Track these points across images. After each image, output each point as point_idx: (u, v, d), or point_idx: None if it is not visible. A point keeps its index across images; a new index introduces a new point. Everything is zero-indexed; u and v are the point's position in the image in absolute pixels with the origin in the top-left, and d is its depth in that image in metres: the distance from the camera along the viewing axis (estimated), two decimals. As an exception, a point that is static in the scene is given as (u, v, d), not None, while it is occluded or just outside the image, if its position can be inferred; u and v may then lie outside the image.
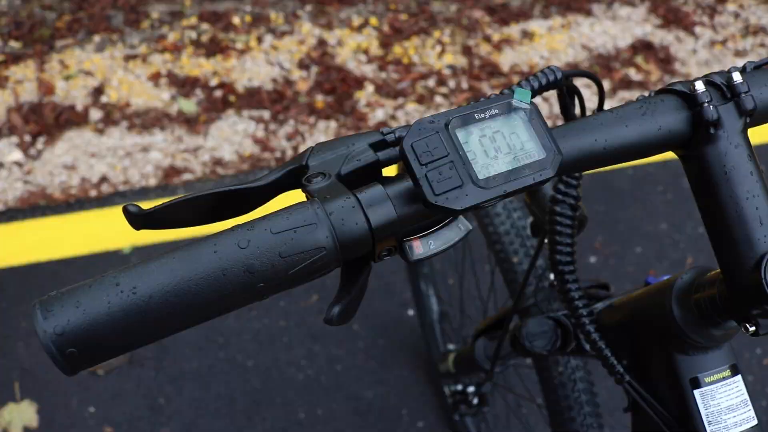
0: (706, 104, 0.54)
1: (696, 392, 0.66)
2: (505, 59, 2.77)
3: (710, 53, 2.96)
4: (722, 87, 0.56)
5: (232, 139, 2.43)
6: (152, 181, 2.31)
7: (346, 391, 1.92)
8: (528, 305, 0.98)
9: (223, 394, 1.91)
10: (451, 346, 1.76)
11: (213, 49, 2.71)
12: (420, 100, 2.56)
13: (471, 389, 1.45)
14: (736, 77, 0.55)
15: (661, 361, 0.68)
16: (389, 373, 1.96)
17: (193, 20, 2.83)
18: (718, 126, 0.55)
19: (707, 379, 0.66)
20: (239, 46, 2.73)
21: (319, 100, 2.55)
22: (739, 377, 0.67)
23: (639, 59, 2.85)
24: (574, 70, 0.63)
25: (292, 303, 2.06)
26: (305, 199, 0.49)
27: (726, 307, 0.59)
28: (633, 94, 2.71)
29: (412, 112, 2.52)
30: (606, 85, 2.73)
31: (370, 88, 2.60)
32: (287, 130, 2.45)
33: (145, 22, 2.81)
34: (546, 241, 0.78)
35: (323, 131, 2.45)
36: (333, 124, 2.48)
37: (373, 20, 2.87)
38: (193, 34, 2.77)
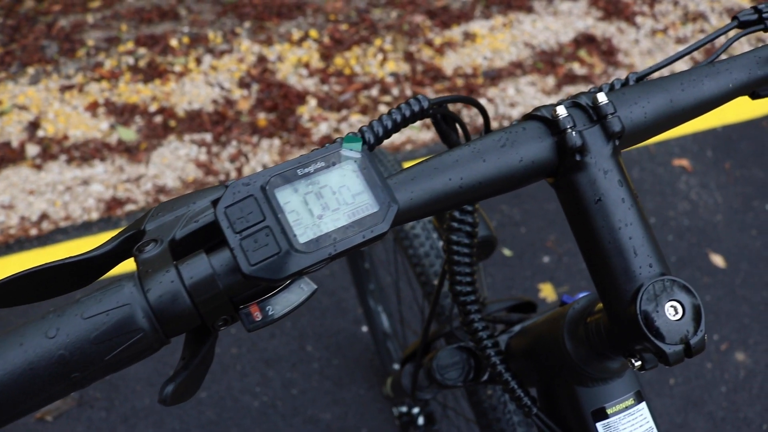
0: (569, 130, 0.51)
1: (599, 425, 0.63)
2: (448, 63, 2.75)
3: (652, 42, 2.97)
4: (588, 109, 0.53)
5: (174, 165, 2.38)
6: (94, 215, 2.25)
7: (303, 414, 1.89)
8: (444, 333, 0.95)
9: (178, 430, 1.87)
10: (396, 366, 1.72)
11: (151, 73, 2.65)
12: (363, 110, 2.53)
13: (416, 410, 1.42)
14: (601, 98, 0.52)
15: (564, 393, 0.65)
16: (346, 392, 1.93)
17: (130, 45, 2.77)
18: (584, 152, 0.52)
19: (610, 410, 0.63)
20: (178, 68, 2.68)
21: (262, 118, 2.51)
22: (643, 405, 0.65)
23: (582, 53, 2.85)
24: (446, 97, 0.59)
25: (242, 329, 2.01)
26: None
27: (610, 341, 0.56)
28: (578, 89, 2.71)
29: (356, 123, 2.49)
30: (550, 81, 2.73)
31: (312, 102, 2.56)
32: (230, 152, 2.41)
33: (81, 51, 2.75)
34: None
35: (267, 150, 2.41)
36: (276, 141, 2.44)
37: (313, 32, 2.84)
38: (131, 60, 2.71)
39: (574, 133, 0.51)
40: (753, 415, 1.97)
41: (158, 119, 2.51)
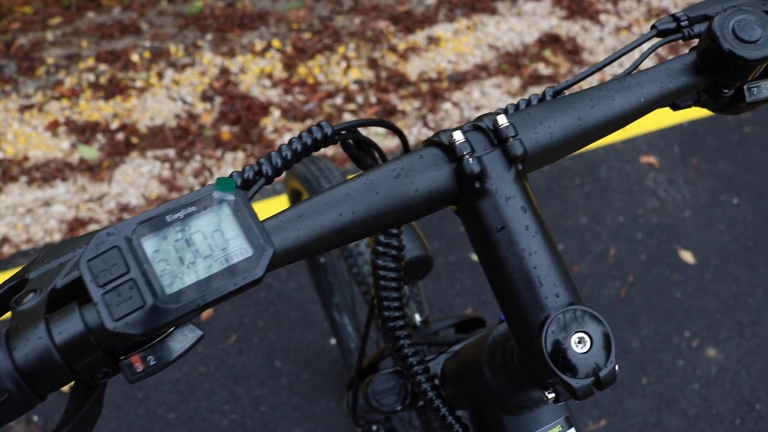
0: (466, 156, 0.49)
1: None
2: (413, 68, 2.73)
3: (617, 39, 2.97)
4: (489, 132, 0.51)
5: (137, 182, 2.35)
6: (56, 237, 2.21)
7: (273, 431, 1.86)
8: (386, 355, 0.93)
9: (145, 452, 1.84)
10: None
11: (112, 90, 2.62)
12: (328, 119, 2.51)
13: (375, 428, 1.39)
14: (501, 120, 0.50)
15: (492, 421, 0.64)
16: (316, 406, 1.90)
17: (91, 62, 2.74)
18: (483, 179, 0.50)
19: None
20: (139, 84, 2.65)
21: (225, 131, 2.48)
22: (572, 431, 0.63)
23: (547, 53, 2.84)
24: (352, 121, 0.57)
25: (210, 346, 1.99)
26: None
27: (523, 372, 0.54)
28: (543, 89, 2.70)
29: (320, 133, 2.47)
30: (516, 82, 2.72)
31: (276, 113, 2.54)
32: (194, 167, 2.38)
33: (40, 69, 2.71)
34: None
35: (231, 163, 2.39)
36: (240, 154, 2.41)
37: (276, 42, 2.81)
38: (91, 77, 2.68)
39: (471, 159, 0.49)
40: (725, 411, 1.97)
41: (120, 136, 2.47)
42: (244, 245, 0.42)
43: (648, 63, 2.78)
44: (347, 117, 2.54)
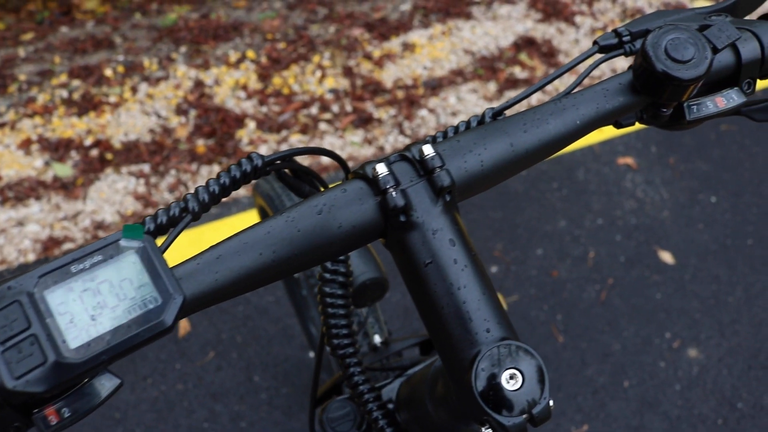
0: (389, 190, 0.48)
1: None
2: (388, 75, 2.72)
3: (592, 41, 2.97)
4: (415, 163, 0.49)
5: (112, 199, 2.33)
6: (31, 257, 2.19)
7: (253, 448, 1.84)
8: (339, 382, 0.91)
9: (124, 473, 1.81)
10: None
11: (85, 106, 2.60)
12: (304, 130, 2.50)
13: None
14: (427, 150, 0.49)
15: None
16: (296, 421, 1.89)
17: (64, 78, 2.71)
18: (408, 212, 0.48)
19: None
20: (113, 99, 2.62)
21: (200, 144, 2.46)
22: None
23: (523, 56, 2.84)
24: (284, 152, 0.55)
25: (187, 363, 1.97)
26: None
27: (460, 406, 0.52)
28: (519, 93, 2.70)
29: (296, 143, 2.46)
30: (492, 87, 2.71)
31: (251, 124, 2.52)
32: (169, 182, 2.36)
33: (12, 86, 2.68)
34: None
35: (206, 177, 2.37)
36: (216, 168, 2.40)
37: (251, 53, 2.80)
38: (64, 93, 2.65)
39: (394, 193, 0.47)
40: (708, 411, 1.97)
41: (94, 153, 2.45)
42: (153, 294, 0.41)
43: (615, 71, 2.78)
44: (323, 126, 2.52)
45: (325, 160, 2.42)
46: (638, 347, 2.07)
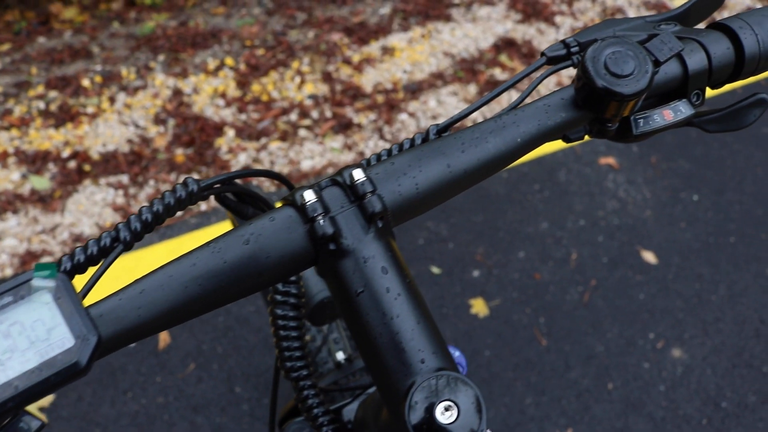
0: (318, 218, 0.46)
1: None
2: (367, 80, 2.71)
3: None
4: (347, 188, 0.48)
5: (91, 211, 2.30)
6: (8, 271, 2.16)
7: (235, 461, 1.83)
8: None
9: (105, 490, 1.79)
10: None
11: (63, 117, 2.57)
12: (283, 137, 2.48)
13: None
14: (357, 175, 0.47)
15: None
16: (278, 433, 1.87)
17: (40, 89, 2.69)
18: (337, 240, 0.47)
19: None
20: (90, 110, 2.60)
21: (179, 154, 2.44)
22: None
23: (503, 57, 2.83)
24: (221, 176, 0.53)
25: (168, 376, 1.95)
26: None
27: None
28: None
29: (275, 151, 2.44)
30: (472, 89, 2.70)
31: (230, 132, 2.50)
32: (148, 192, 2.34)
33: (-11, 100, 2.65)
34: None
35: (186, 186, 2.35)
36: (195, 177, 2.37)
37: (229, 60, 2.78)
38: (41, 104, 2.63)
39: (322, 221, 0.46)
40: (692, 411, 1.96)
41: (72, 165, 2.43)
42: (66, 335, 0.39)
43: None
44: (303, 133, 2.51)
45: (305, 165, 2.41)
46: (622, 348, 2.06)
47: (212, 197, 0.57)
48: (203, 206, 2.28)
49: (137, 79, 2.73)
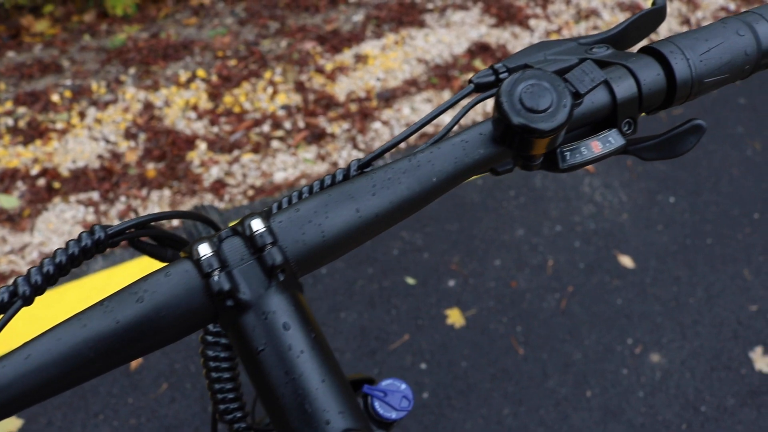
0: (213, 273, 0.43)
1: None
2: (341, 88, 2.69)
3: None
4: (246, 239, 0.45)
5: (61, 229, 2.27)
6: (-23, 293, 2.13)
7: (209, 482, 1.80)
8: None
9: None
10: None
11: (31, 133, 2.53)
12: (256, 149, 2.45)
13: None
14: (256, 226, 0.44)
15: None
16: (253, 452, 1.84)
17: (9, 105, 2.65)
18: (236, 295, 0.44)
19: None
20: (60, 125, 2.56)
21: (151, 168, 2.41)
22: None
23: (477, 63, 2.81)
24: (132, 220, 0.50)
25: (140, 396, 1.92)
26: None
27: None
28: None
29: (248, 163, 2.41)
30: (446, 95, 2.68)
31: (202, 146, 2.47)
32: (119, 208, 2.31)
33: (-43, 118, 2.61)
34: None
35: (157, 202, 2.32)
36: (167, 192, 2.34)
37: (201, 72, 2.75)
38: (9, 121, 2.59)
39: (217, 277, 0.43)
40: (671, 417, 1.95)
41: (41, 182, 2.39)
42: None
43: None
44: (276, 144, 2.48)
45: (278, 177, 2.38)
46: (600, 355, 2.05)
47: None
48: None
49: (108, 93, 2.69)
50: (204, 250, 0.44)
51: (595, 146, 0.53)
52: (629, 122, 0.54)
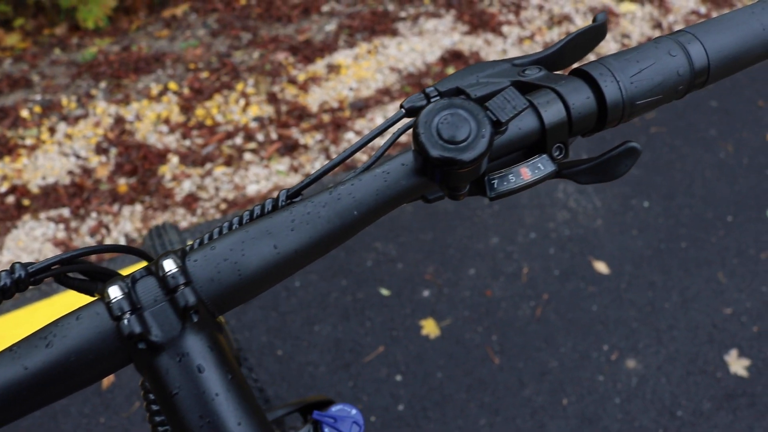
0: (124, 316, 0.42)
1: None
2: (313, 99, 2.67)
3: (520, 50, 2.95)
4: (160, 280, 0.44)
5: (30, 247, 2.24)
6: (-56, 314, 2.09)
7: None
8: None
9: None
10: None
11: (0, 150, 2.50)
12: (228, 161, 2.43)
13: None
14: (168, 266, 0.43)
15: None
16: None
17: (-22, 123, 2.62)
18: (147, 338, 0.43)
19: None
20: (29, 141, 2.54)
21: (122, 183, 2.39)
22: None
23: (450, 70, 2.81)
24: (59, 257, 0.49)
25: (113, 416, 1.90)
26: None
27: None
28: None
29: (220, 177, 2.39)
30: (420, 104, 2.68)
31: (174, 159, 2.45)
32: (90, 225, 2.28)
33: (-75, 136, 2.58)
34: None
35: (129, 218, 2.29)
36: (139, 207, 2.32)
37: (173, 85, 2.73)
38: (-21, 139, 2.56)
39: (126, 320, 0.42)
40: (648, 422, 1.95)
41: (10, 199, 2.36)
42: None
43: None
44: (248, 157, 2.46)
45: (251, 189, 2.36)
46: (576, 362, 2.05)
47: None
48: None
49: (78, 107, 2.67)
50: (114, 292, 0.43)
51: (524, 173, 0.52)
52: (560, 147, 0.53)
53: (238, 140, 2.52)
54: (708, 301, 2.21)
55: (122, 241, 2.23)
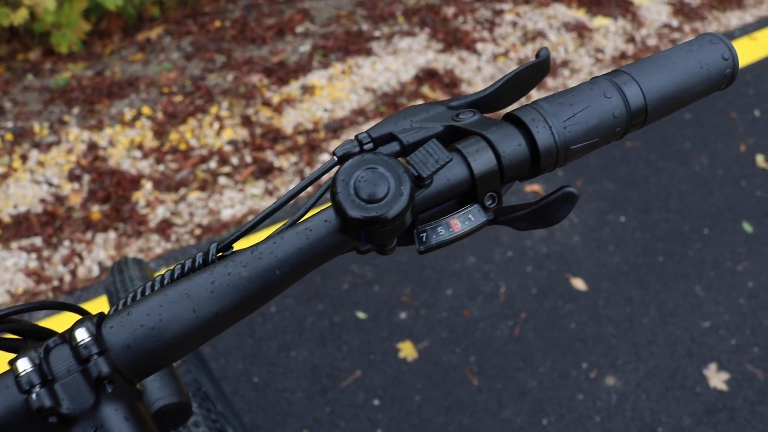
0: (33, 389, 0.41)
1: None
2: (288, 121, 2.66)
3: (495, 67, 2.96)
4: (73, 349, 0.42)
5: (2, 278, 2.21)
6: None
7: None
8: None
9: None
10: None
11: (-29, 180, 2.47)
12: (203, 186, 2.42)
13: None
14: (80, 336, 0.42)
15: None
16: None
17: (-51, 152, 2.59)
18: (58, 412, 0.41)
19: None
20: (1, 170, 2.51)
21: (95, 211, 2.36)
22: None
23: (425, 89, 2.81)
24: (21, 305, 0.48)
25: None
26: None
27: None
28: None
29: (195, 202, 2.37)
30: (395, 124, 2.67)
31: (148, 185, 2.43)
32: (63, 254, 2.25)
33: None
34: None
35: (102, 245, 2.27)
36: (112, 234, 2.30)
37: (146, 109, 2.71)
38: (-51, 168, 2.53)
39: (35, 394, 0.40)
40: (629, 441, 1.94)
41: (-18, 230, 2.33)
42: None
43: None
44: (223, 181, 2.45)
45: (225, 214, 2.35)
46: (555, 382, 2.03)
47: None
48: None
49: (51, 134, 2.64)
50: (23, 365, 0.41)
51: (454, 225, 0.51)
52: (492, 196, 0.52)
53: (213, 164, 2.50)
54: (686, 315, 2.21)
55: (95, 270, 2.20)
